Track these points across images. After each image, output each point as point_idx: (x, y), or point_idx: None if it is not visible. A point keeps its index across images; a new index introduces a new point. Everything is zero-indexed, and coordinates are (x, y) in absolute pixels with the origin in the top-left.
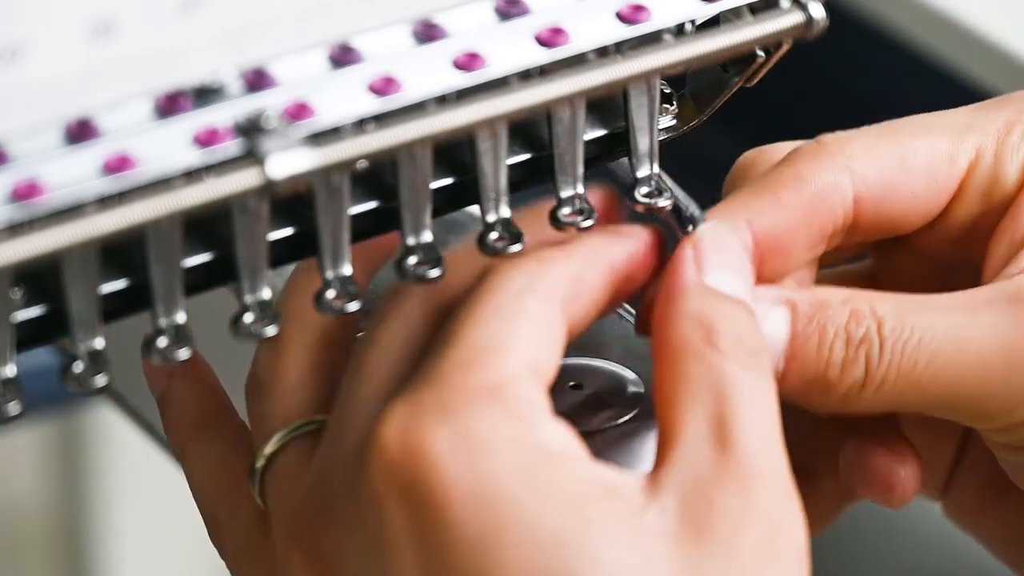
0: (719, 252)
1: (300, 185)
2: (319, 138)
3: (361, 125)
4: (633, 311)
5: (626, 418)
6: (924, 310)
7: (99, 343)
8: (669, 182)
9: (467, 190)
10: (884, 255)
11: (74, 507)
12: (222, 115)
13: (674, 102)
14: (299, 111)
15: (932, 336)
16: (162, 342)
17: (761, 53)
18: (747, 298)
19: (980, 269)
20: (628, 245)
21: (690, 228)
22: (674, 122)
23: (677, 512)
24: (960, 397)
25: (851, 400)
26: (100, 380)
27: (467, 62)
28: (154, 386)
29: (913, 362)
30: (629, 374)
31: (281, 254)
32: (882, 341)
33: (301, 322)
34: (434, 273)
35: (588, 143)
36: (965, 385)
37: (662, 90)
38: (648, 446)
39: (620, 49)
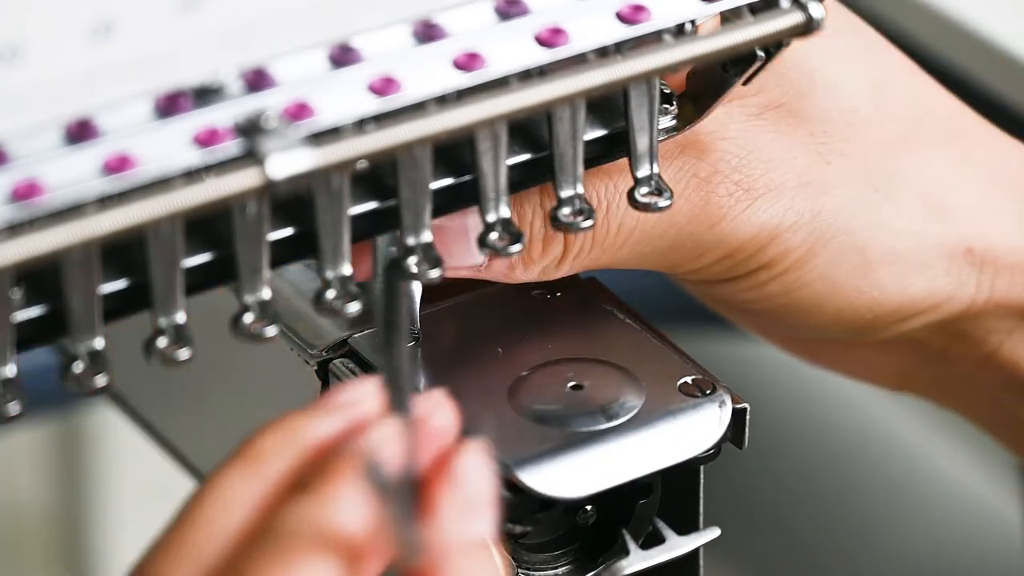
0: None
1: (300, 185)
2: (319, 138)
3: (361, 125)
4: (631, 310)
5: (627, 417)
6: (607, 177)
7: (99, 343)
8: None
9: (467, 190)
10: None
11: (74, 507)
12: (222, 115)
13: (674, 102)
14: (299, 111)
15: (619, 203)
16: (162, 342)
17: (761, 53)
18: None
19: None
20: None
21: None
22: (674, 122)
23: None
24: (650, 254)
25: (550, 271)
26: (100, 380)
27: (467, 62)
28: None
29: (605, 230)
30: (630, 374)
31: (281, 254)
32: None
33: None
34: (434, 273)
35: (588, 143)
36: (654, 243)
37: (662, 90)
38: (652, 442)
39: (620, 49)
